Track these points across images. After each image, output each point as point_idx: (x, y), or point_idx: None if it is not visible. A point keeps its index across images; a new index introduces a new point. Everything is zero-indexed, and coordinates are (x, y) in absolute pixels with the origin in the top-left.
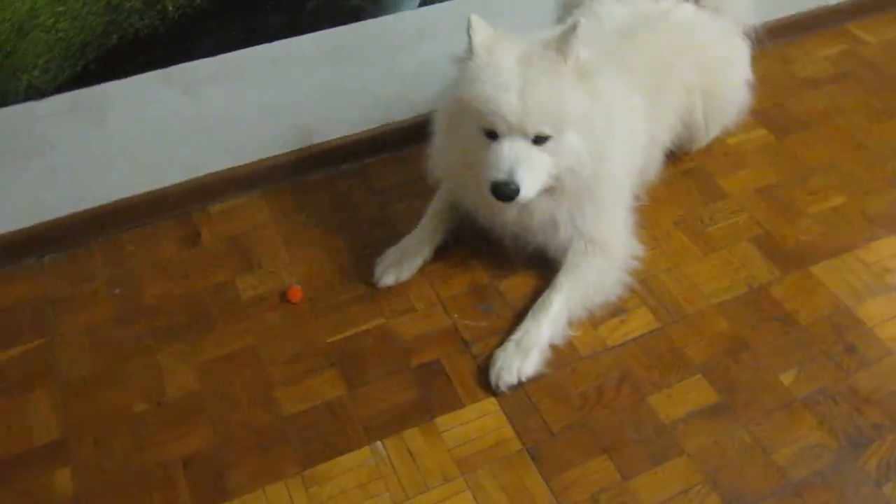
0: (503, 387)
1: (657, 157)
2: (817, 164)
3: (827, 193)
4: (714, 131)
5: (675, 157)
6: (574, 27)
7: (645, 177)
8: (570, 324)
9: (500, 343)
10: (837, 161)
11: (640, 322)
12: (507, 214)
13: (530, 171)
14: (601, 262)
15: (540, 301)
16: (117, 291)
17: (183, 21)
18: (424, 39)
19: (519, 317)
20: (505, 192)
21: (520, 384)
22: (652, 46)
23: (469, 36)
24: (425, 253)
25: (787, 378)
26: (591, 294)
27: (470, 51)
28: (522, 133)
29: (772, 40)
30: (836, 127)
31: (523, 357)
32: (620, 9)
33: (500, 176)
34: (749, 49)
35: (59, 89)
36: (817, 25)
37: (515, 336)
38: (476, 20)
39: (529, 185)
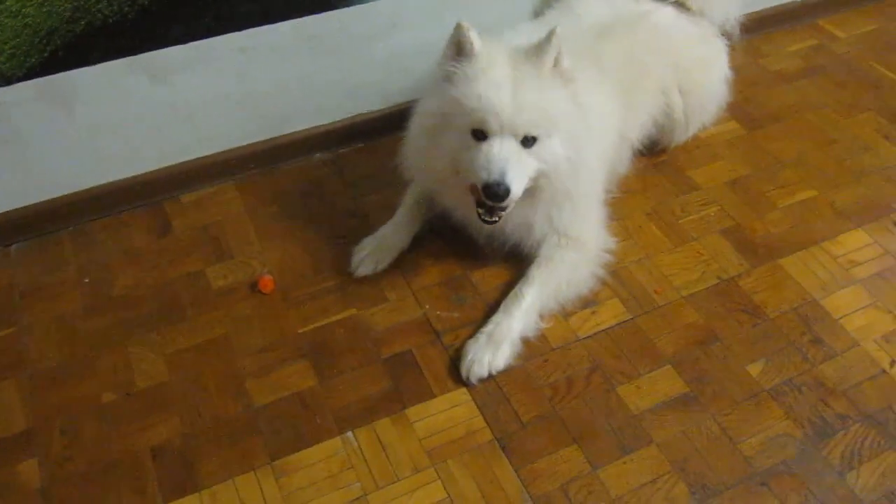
0: (473, 379)
1: (626, 154)
2: (788, 158)
3: (797, 187)
4: (693, 128)
5: (650, 151)
6: (550, 37)
7: (615, 172)
8: (542, 316)
9: (472, 334)
10: (807, 155)
11: (610, 313)
12: (487, 228)
13: (519, 171)
14: (574, 257)
15: (512, 294)
16: (87, 281)
17: (152, 8)
18: (397, 29)
19: (491, 308)
20: (497, 192)
21: (490, 377)
22: (628, 46)
23: (467, 39)
24: (403, 243)
25: (754, 369)
26: (563, 287)
27: (461, 52)
28: (513, 132)
29: (744, 35)
30: (807, 121)
31: (494, 350)
32: (599, 7)
33: (493, 177)
34: (726, 48)
35: (27, 76)
36: (789, 20)
37: (487, 328)
38: (467, 25)
39: (518, 186)
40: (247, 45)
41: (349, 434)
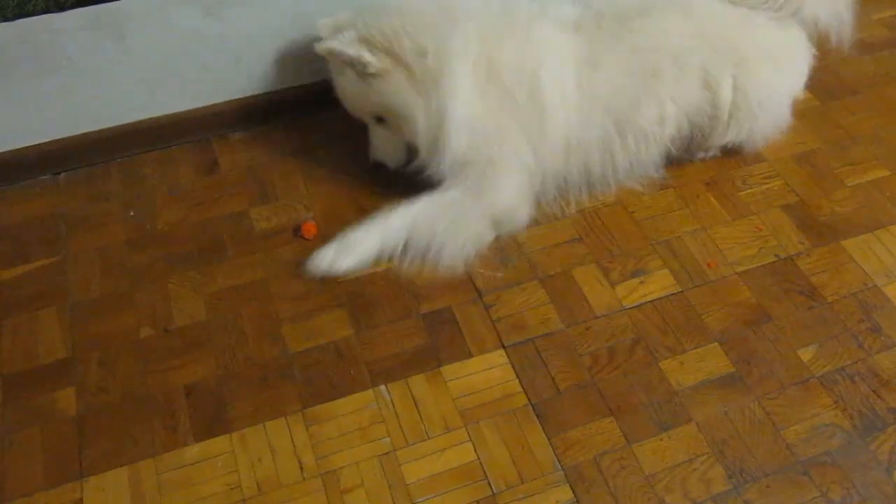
0: (312, 271)
1: (651, 152)
2: (862, 134)
3: (869, 165)
4: (732, 135)
5: (688, 154)
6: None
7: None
8: (401, 249)
9: (514, 295)
10: (883, 132)
11: (659, 284)
12: None
13: (379, 142)
14: (468, 200)
15: (388, 209)
16: (131, 214)
17: None
18: None
19: (534, 269)
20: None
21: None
22: (663, 30)
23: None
24: None
25: (806, 354)
26: (440, 229)
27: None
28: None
29: None
30: (886, 95)
31: (340, 252)
32: None
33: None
34: (809, 55)
35: (80, 3)
36: None
37: (346, 234)
38: (324, 27)
39: (381, 156)
40: None
41: (382, 387)
